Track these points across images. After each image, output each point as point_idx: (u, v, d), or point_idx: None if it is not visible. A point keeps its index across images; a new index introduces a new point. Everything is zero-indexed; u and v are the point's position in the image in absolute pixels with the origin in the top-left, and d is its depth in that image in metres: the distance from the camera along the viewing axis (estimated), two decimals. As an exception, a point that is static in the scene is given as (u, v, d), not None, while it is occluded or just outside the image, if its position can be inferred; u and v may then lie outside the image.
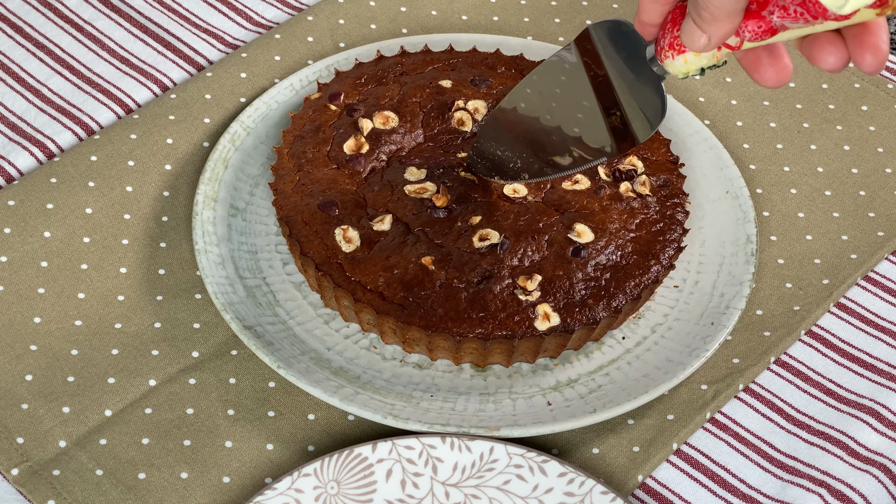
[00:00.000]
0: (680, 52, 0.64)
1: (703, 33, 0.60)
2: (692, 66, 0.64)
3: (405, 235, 0.78)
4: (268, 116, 0.89)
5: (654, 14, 0.64)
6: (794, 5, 0.58)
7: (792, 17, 0.58)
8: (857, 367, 0.81)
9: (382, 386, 0.77)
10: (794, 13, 0.58)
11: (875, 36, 0.59)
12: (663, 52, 0.65)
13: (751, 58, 0.63)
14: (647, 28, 0.65)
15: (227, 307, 0.78)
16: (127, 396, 0.77)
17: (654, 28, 0.65)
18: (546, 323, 0.76)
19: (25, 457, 0.74)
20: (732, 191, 0.86)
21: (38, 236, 0.84)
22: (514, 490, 0.73)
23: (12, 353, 0.78)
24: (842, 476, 0.76)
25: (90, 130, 0.90)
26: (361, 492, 0.72)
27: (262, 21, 0.99)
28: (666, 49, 0.64)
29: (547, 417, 0.76)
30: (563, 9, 1.01)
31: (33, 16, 0.97)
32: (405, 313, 0.76)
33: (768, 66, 0.63)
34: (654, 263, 0.79)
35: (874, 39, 0.59)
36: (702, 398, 0.79)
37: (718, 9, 0.59)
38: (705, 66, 0.64)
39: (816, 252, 0.86)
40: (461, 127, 0.84)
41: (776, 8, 0.59)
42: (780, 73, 0.63)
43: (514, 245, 0.78)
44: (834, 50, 0.60)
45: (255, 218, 0.85)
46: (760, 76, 0.63)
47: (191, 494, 0.73)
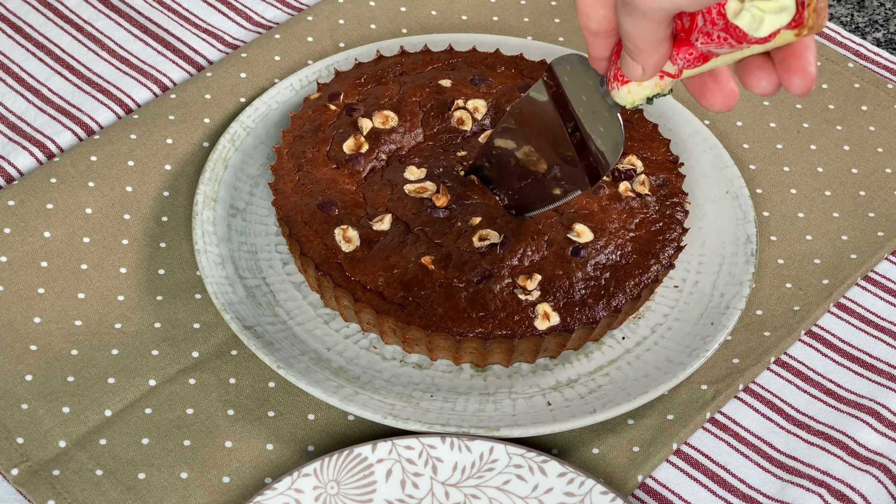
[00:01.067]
0: (624, 83, 0.65)
1: (636, 63, 0.62)
2: (636, 95, 0.65)
3: (405, 235, 0.78)
4: (268, 116, 0.89)
5: (600, 49, 0.65)
6: (717, 31, 0.59)
7: (717, 43, 0.60)
8: (857, 367, 0.81)
9: (382, 386, 0.77)
10: (717, 38, 0.59)
11: (801, 59, 0.59)
12: (610, 83, 0.66)
13: (696, 84, 0.64)
14: (598, 62, 0.66)
15: (227, 307, 0.78)
16: (127, 396, 0.77)
17: (604, 62, 0.66)
18: (546, 322, 0.76)
19: (25, 457, 0.74)
20: (732, 191, 0.86)
21: (38, 236, 0.84)
22: (514, 490, 0.73)
23: (12, 353, 0.78)
24: (842, 476, 0.76)
25: (90, 130, 0.90)
26: (361, 492, 0.72)
27: (262, 21, 0.99)
28: (612, 80, 0.66)
29: (547, 417, 0.76)
30: (563, 9, 1.01)
31: (33, 16, 0.97)
32: (405, 313, 0.76)
33: (714, 91, 0.63)
34: (654, 263, 0.79)
35: (800, 62, 0.59)
36: (702, 398, 0.79)
37: (640, 40, 0.60)
38: (650, 95, 0.65)
39: (816, 252, 0.86)
40: (461, 126, 0.84)
41: (700, 35, 0.60)
42: (727, 97, 0.63)
43: (513, 245, 0.78)
44: (764, 74, 0.61)
45: (255, 218, 0.85)
46: (707, 101, 0.64)
47: (191, 494, 0.73)
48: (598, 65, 0.66)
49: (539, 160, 0.76)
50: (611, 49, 0.65)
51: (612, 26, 0.63)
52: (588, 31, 0.64)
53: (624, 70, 0.63)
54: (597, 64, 0.66)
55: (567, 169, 0.74)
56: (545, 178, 0.76)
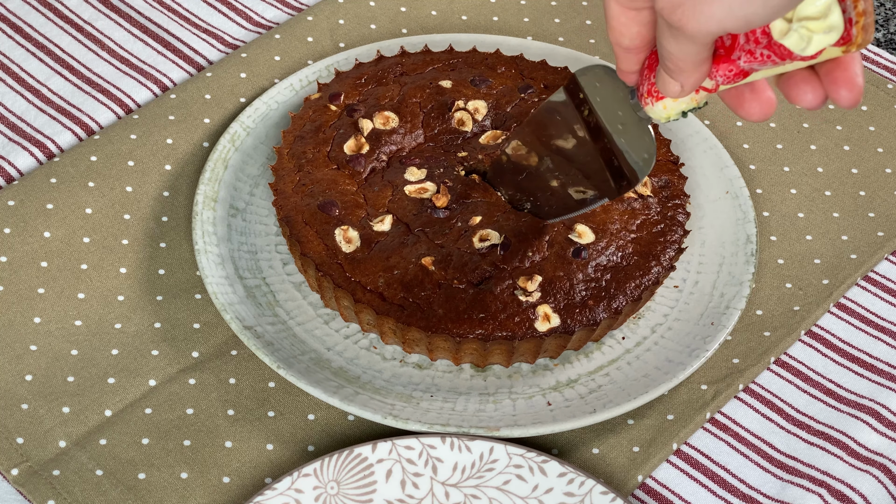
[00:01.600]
0: (658, 99, 0.65)
1: (675, 81, 0.61)
2: (672, 110, 0.65)
3: (405, 236, 0.78)
4: (268, 116, 0.89)
5: (630, 63, 0.64)
6: (760, 49, 0.58)
7: (760, 61, 0.59)
8: (857, 367, 0.81)
9: (382, 386, 0.77)
10: (760, 56, 0.59)
11: (848, 70, 0.59)
12: (643, 98, 0.65)
13: (733, 94, 0.63)
14: (628, 76, 0.65)
15: (227, 307, 0.78)
16: (127, 396, 0.77)
17: (634, 75, 0.65)
18: (546, 324, 0.76)
19: (25, 457, 0.74)
20: (732, 191, 0.86)
21: (38, 236, 0.84)
22: (514, 490, 0.73)
23: (12, 353, 0.78)
24: (842, 476, 0.76)
25: (90, 130, 0.90)
26: (361, 492, 0.72)
27: (262, 21, 0.99)
28: (645, 96, 0.65)
29: (547, 417, 0.76)
30: (563, 9, 1.01)
31: (33, 16, 0.97)
32: (405, 314, 0.76)
33: (751, 101, 0.63)
34: (655, 264, 0.79)
35: (847, 74, 0.59)
36: (702, 398, 0.79)
37: (682, 61, 0.59)
38: (685, 110, 0.65)
39: (816, 252, 0.86)
40: (461, 127, 0.84)
41: (742, 53, 0.59)
42: (764, 106, 0.63)
43: (514, 246, 0.78)
44: (810, 88, 0.60)
45: (255, 218, 0.85)
46: (745, 112, 0.63)
47: (191, 494, 0.73)
48: (628, 78, 0.65)
49: (561, 169, 0.76)
50: (641, 63, 0.64)
51: (644, 42, 0.62)
52: (619, 46, 0.63)
53: (660, 87, 0.62)
54: (626, 77, 0.65)
55: (592, 178, 0.74)
56: (568, 186, 0.76)
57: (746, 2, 0.53)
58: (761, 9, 0.54)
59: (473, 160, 0.83)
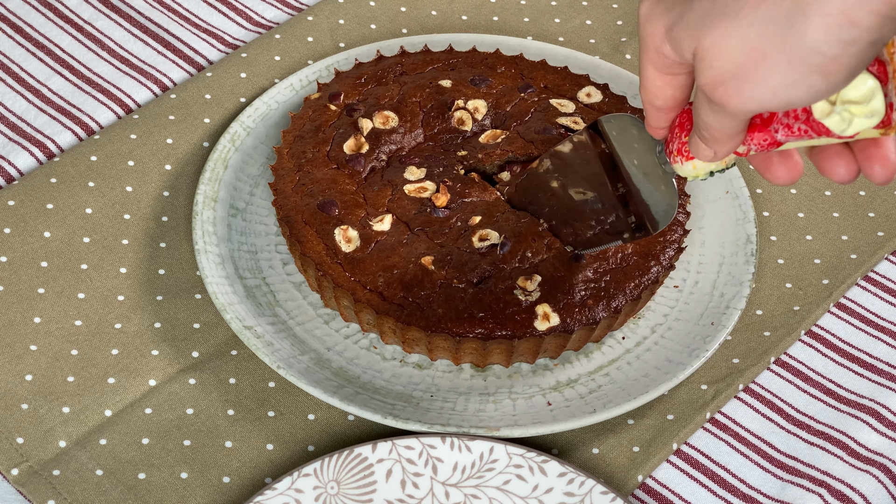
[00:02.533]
0: (688, 159, 0.64)
1: (708, 149, 0.61)
2: (700, 170, 0.65)
3: (405, 235, 0.78)
4: (268, 116, 0.89)
5: (660, 121, 0.64)
6: (799, 124, 0.58)
7: (797, 135, 0.59)
8: (857, 367, 0.81)
9: (382, 386, 0.77)
10: (798, 131, 0.59)
11: (882, 148, 0.59)
12: (672, 155, 0.65)
13: (762, 158, 0.63)
14: (657, 131, 0.65)
15: (227, 307, 0.78)
16: (127, 396, 0.77)
17: (663, 131, 0.65)
18: (546, 323, 0.76)
19: (25, 457, 0.74)
20: (732, 191, 0.86)
21: (38, 236, 0.84)
22: (514, 490, 0.73)
23: (12, 353, 0.78)
24: (842, 476, 0.76)
25: (90, 130, 0.90)
26: (361, 492, 0.72)
27: (262, 21, 0.99)
28: (675, 154, 0.65)
29: (547, 417, 0.76)
30: (563, 9, 1.01)
31: (33, 16, 0.97)
32: (405, 313, 0.76)
33: (779, 165, 0.63)
34: (654, 264, 0.79)
35: (882, 151, 0.59)
36: (702, 398, 0.79)
37: (719, 132, 0.59)
38: (714, 171, 0.65)
39: (816, 252, 0.86)
40: (461, 126, 0.85)
41: (781, 126, 0.59)
42: (792, 171, 0.63)
43: (514, 245, 0.78)
44: (843, 163, 0.60)
45: (255, 218, 0.85)
46: (771, 175, 0.63)
47: (191, 494, 0.73)
48: (656, 133, 0.65)
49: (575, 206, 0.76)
50: (671, 121, 0.64)
51: (677, 103, 0.62)
52: (652, 105, 0.63)
53: (693, 152, 0.62)
54: (654, 132, 0.65)
55: (606, 220, 0.74)
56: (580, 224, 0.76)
57: (790, 85, 0.53)
58: (804, 93, 0.54)
59: (473, 159, 0.83)
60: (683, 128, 0.64)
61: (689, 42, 0.56)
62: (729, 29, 0.54)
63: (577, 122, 0.85)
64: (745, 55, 0.54)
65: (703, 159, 0.62)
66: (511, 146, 0.83)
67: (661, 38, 0.58)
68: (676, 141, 0.64)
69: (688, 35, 0.56)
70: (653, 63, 0.60)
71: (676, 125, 0.64)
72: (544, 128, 0.84)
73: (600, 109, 0.86)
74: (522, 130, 0.84)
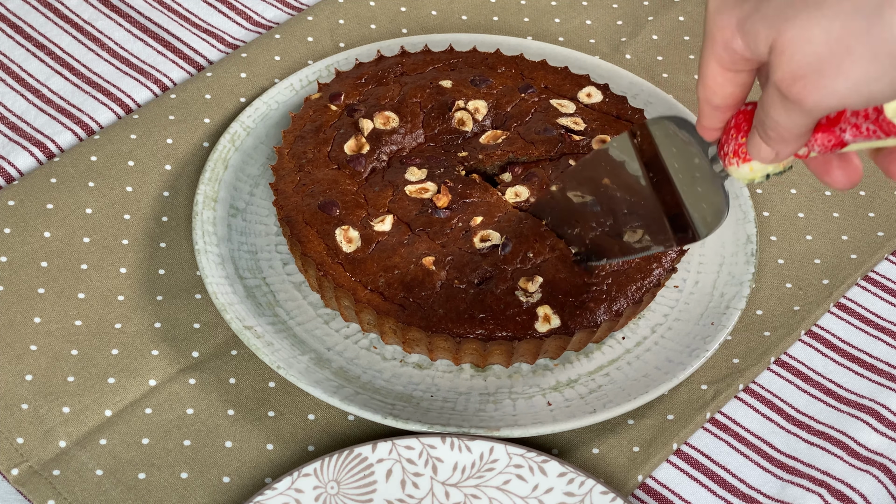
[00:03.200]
0: (745, 161, 0.63)
1: (771, 149, 0.59)
2: (757, 173, 0.63)
3: (406, 236, 0.78)
4: (268, 116, 0.89)
5: (715, 121, 0.63)
6: (868, 124, 0.57)
7: (865, 135, 0.58)
8: (857, 367, 0.81)
9: (382, 386, 0.77)
10: (866, 131, 0.58)
11: None
12: (727, 157, 0.64)
13: (820, 161, 0.62)
14: (709, 132, 0.64)
15: (227, 307, 0.78)
16: (127, 396, 0.77)
17: (716, 132, 0.64)
18: (546, 325, 0.76)
19: (25, 457, 0.74)
20: (732, 191, 0.86)
21: (38, 236, 0.84)
22: (514, 490, 0.73)
23: (12, 353, 0.78)
24: (842, 476, 0.76)
25: (90, 130, 0.90)
26: (361, 492, 0.72)
27: (262, 21, 0.99)
28: (731, 156, 0.63)
29: (547, 417, 0.76)
30: (562, 9, 1.01)
31: (33, 16, 0.97)
32: (405, 314, 0.76)
33: (838, 168, 0.62)
34: (656, 266, 0.79)
35: None
36: (702, 398, 0.79)
37: (788, 131, 0.58)
38: (771, 173, 0.63)
39: (816, 252, 0.86)
40: (462, 127, 0.85)
41: (848, 126, 0.58)
42: (851, 175, 0.62)
43: (515, 246, 0.78)
44: None
45: (255, 218, 0.85)
46: (830, 178, 0.62)
47: (191, 494, 0.73)
48: (708, 134, 0.64)
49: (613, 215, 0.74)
50: (726, 121, 0.63)
51: (736, 102, 0.61)
52: (709, 103, 0.61)
53: (753, 152, 0.61)
54: (706, 133, 0.64)
55: (649, 228, 0.72)
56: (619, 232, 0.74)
57: (874, 79, 0.52)
58: (887, 87, 0.52)
59: (474, 160, 0.83)
60: (740, 129, 0.62)
61: (766, 34, 0.55)
62: (811, 20, 0.53)
63: (577, 122, 0.85)
64: (829, 48, 0.52)
65: (763, 161, 0.60)
66: (511, 147, 0.83)
67: (731, 32, 0.57)
68: (732, 142, 0.63)
69: (765, 27, 0.55)
70: (717, 58, 0.58)
71: (732, 126, 0.63)
72: (545, 128, 0.84)
73: (600, 109, 0.86)
74: (523, 131, 0.84)
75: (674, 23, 1.00)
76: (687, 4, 1.01)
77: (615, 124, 0.85)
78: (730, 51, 0.57)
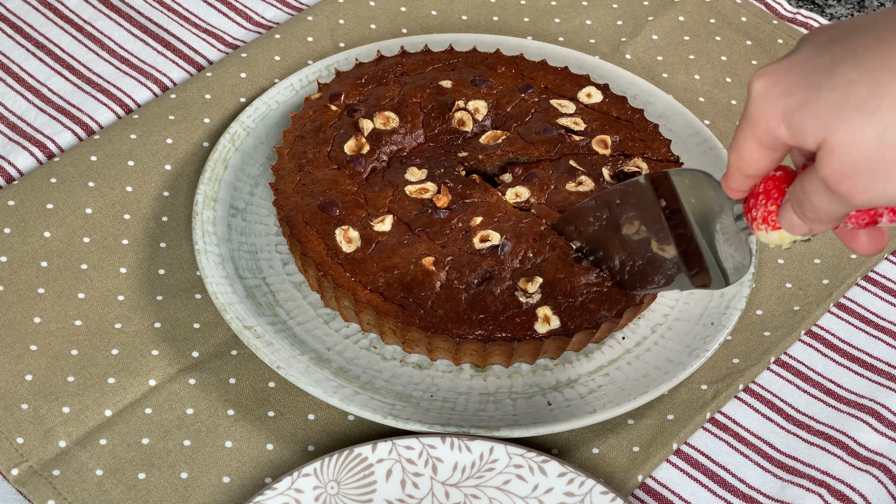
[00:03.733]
0: (775, 228, 0.63)
1: (805, 226, 0.60)
2: (786, 240, 0.64)
3: (406, 236, 0.78)
4: (268, 116, 0.89)
5: (743, 185, 0.63)
6: None
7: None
8: (857, 367, 0.81)
9: (382, 386, 0.77)
10: None
11: None
12: (756, 222, 0.64)
13: (849, 231, 0.63)
14: (735, 193, 0.64)
15: (227, 307, 0.78)
16: (127, 396, 0.77)
17: (742, 193, 0.64)
18: (546, 326, 0.76)
19: (25, 457, 0.74)
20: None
21: (38, 236, 0.84)
22: (514, 490, 0.73)
23: (12, 353, 0.78)
24: (842, 476, 0.76)
25: (90, 130, 0.90)
26: (361, 492, 0.72)
27: (262, 21, 0.99)
28: (759, 221, 0.64)
29: (547, 417, 0.76)
30: (562, 9, 1.01)
31: (33, 16, 0.97)
32: (405, 314, 0.76)
33: (865, 236, 0.62)
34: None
35: None
36: (702, 398, 0.79)
37: (827, 217, 0.59)
38: (799, 240, 0.64)
39: (816, 252, 0.86)
40: (462, 127, 0.84)
41: (886, 211, 0.59)
42: (877, 241, 0.62)
43: (515, 247, 0.78)
44: None
45: (255, 218, 0.85)
46: (856, 245, 0.63)
47: (191, 494, 0.73)
48: (735, 195, 0.64)
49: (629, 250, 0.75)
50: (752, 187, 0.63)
51: (766, 172, 0.62)
52: (740, 172, 0.62)
53: (784, 224, 0.61)
54: (732, 193, 0.64)
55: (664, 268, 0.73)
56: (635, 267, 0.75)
57: None
58: None
59: (474, 160, 0.83)
60: (770, 196, 0.63)
61: (815, 132, 0.56)
62: (864, 125, 0.54)
63: (577, 122, 0.85)
64: (881, 153, 0.54)
65: (794, 234, 0.61)
66: (511, 147, 0.83)
67: (776, 121, 0.57)
68: (762, 209, 0.63)
69: (815, 125, 0.56)
70: (757, 139, 0.59)
71: (761, 192, 0.63)
72: (545, 128, 0.84)
73: (600, 110, 0.86)
74: (523, 131, 0.84)
75: (674, 23, 1.00)
76: (687, 4, 1.01)
77: (615, 124, 0.85)
78: (772, 136, 0.58)
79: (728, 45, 0.99)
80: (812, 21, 1.01)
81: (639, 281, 0.75)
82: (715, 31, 0.99)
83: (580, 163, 0.82)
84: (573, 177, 0.81)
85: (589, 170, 0.82)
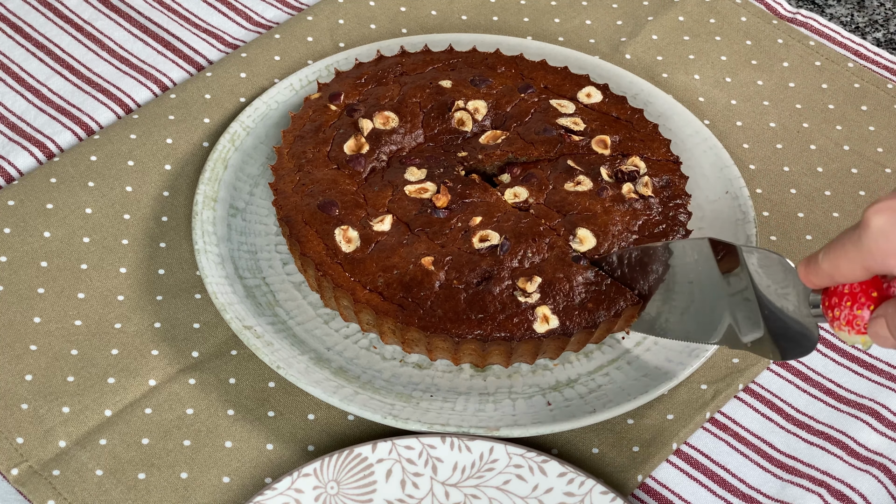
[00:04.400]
0: (858, 333, 0.63)
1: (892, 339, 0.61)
2: (868, 343, 0.64)
3: (405, 236, 0.78)
4: (267, 116, 0.89)
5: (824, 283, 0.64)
6: None
7: None
8: (857, 367, 0.81)
9: (382, 386, 0.77)
10: None
11: None
12: (837, 322, 0.64)
13: None
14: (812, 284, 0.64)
15: (226, 307, 0.79)
16: (127, 396, 0.77)
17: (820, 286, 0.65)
18: (545, 325, 0.76)
19: (25, 457, 0.74)
20: (732, 191, 0.86)
21: (38, 236, 0.84)
22: (514, 490, 0.73)
23: (12, 353, 0.78)
24: (842, 476, 0.76)
25: (90, 130, 0.90)
26: (361, 492, 0.72)
27: (262, 21, 0.99)
28: (842, 322, 0.64)
29: (547, 417, 0.76)
30: (562, 9, 1.01)
31: (33, 16, 0.97)
32: (404, 314, 0.76)
33: None
34: (655, 264, 0.79)
35: None
36: (702, 398, 0.79)
37: None
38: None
39: (816, 252, 0.86)
40: (461, 127, 0.84)
41: None
42: None
43: (514, 246, 0.78)
44: None
45: (255, 218, 0.85)
46: None
47: (191, 494, 0.73)
48: (811, 285, 0.65)
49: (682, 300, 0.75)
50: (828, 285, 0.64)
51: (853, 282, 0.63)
52: (829, 277, 0.62)
53: (873, 336, 0.62)
54: (808, 283, 0.65)
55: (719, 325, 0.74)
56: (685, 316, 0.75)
57: None
58: None
59: (473, 160, 0.83)
60: (856, 299, 0.63)
61: None
62: None
63: (576, 122, 0.85)
64: None
65: (881, 346, 0.62)
66: (511, 147, 0.83)
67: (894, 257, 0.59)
68: (846, 311, 0.63)
69: None
70: (866, 266, 0.60)
71: (846, 293, 0.63)
72: (544, 128, 0.84)
73: (600, 110, 0.86)
74: (522, 131, 0.84)
75: (674, 23, 1.00)
76: (687, 4, 1.01)
77: (615, 124, 0.85)
78: (885, 267, 0.59)
79: (728, 45, 0.99)
80: (812, 21, 1.01)
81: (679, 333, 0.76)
82: (715, 31, 0.99)
83: (578, 162, 0.82)
84: (571, 176, 0.81)
85: (587, 169, 0.82)
